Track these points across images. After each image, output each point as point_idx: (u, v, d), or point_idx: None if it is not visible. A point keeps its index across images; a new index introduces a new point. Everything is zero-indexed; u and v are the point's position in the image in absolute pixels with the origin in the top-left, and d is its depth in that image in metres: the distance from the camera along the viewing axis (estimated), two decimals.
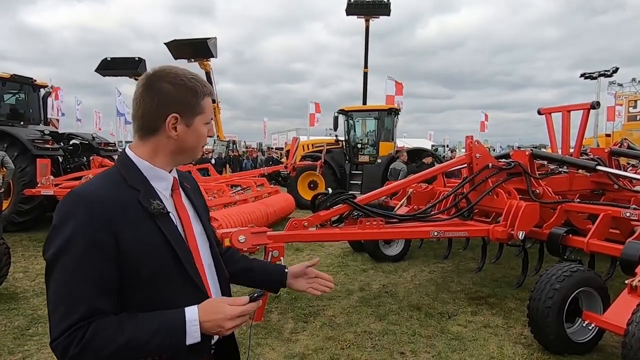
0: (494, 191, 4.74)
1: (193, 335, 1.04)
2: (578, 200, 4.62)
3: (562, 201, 4.67)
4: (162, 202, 1.14)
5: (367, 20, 23.11)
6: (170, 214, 1.15)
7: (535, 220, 4.46)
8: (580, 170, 5.24)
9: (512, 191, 4.70)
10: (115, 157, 10.52)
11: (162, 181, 1.18)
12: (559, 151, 5.63)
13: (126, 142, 41.83)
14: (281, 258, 4.06)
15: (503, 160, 5.16)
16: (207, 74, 23.97)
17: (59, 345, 0.98)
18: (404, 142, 27.08)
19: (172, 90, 1.14)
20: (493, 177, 4.86)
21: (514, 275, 5.54)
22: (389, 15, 23.08)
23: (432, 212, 5.10)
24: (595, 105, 5.13)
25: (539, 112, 5.94)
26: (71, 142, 10.09)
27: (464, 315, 4.24)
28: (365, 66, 23.43)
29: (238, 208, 7.50)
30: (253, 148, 31.74)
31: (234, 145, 25.53)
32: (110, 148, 10.37)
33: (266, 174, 9.39)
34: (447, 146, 34.08)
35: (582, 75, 24.76)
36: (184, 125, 1.16)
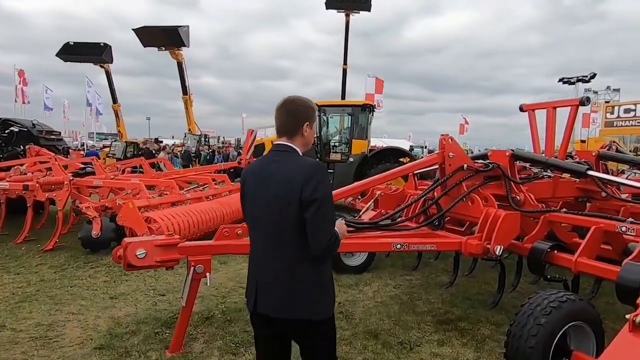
0: (469, 197, 4.06)
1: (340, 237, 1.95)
2: (564, 210, 3.97)
3: (546, 210, 4.02)
4: None
5: (347, 15, 22.47)
6: None
7: (516, 233, 3.79)
8: (564, 175, 4.63)
9: (489, 197, 4.03)
10: (60, 147, 9.51)
11: None
12: (543, 153, 5.00)
13: (97, 133, 40.09)
14: (207, 274, 3.29)
15: (480, 161, 4.49)
16: (179, 64, 22.83)
17: (331, 242, 1.84)
18: (384, 142, 26.61)
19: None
20: (468, 181, 4.18)
21: (489, 291, 4.89)
22: (369, 10, 22.47)
23: (399, 219, 4.40)
24: (585, 101, 4.53)
25: (521, 109, 5.32)
26: (8, 129, 9.03)
27: (428, 346, 3.53)
28: (345, 63, 22.76)
29: (186, 207, 6.63)
30: (230, 144, 30.68)
31: (206, 140, 24.49)
32: (54, 137, 9.33)
33: (224, 169, 8.54)
34: (426, 147, 33.85)
35: (560, 80, 24.80)
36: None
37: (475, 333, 3.82)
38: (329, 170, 11.57)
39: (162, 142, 24.43)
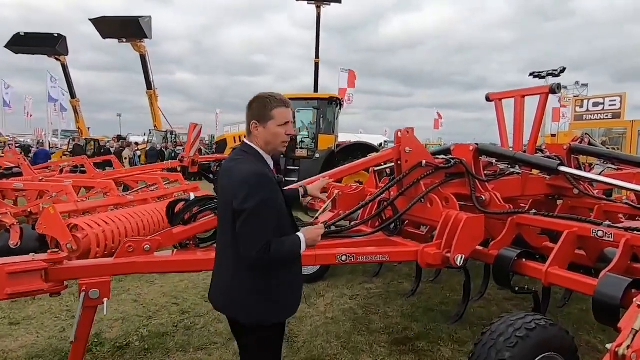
0: (427, 197, 3.54)
1: (303, 247, 1.95)
2: (534, 210, 3.50)
3: (514, 212, 3.54)
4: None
5: (318, 8, 21.90)
6: None
7: (480, 238, 3.29)
8: (533, 171, 4.19)
9: (450, 197, 3.51)
10: None
11: (270, 165, 2.01)
12: (510, 146, 4.55)
13: (62, 131, 38.20)
14: (104, 301, 2.65)
15: (441, 157, 3.98)
16: (142, 57, 21.74)
17: (258, 255, 1.81)
18: (360, 137, 26.24)
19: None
20: (427, 179, 3.66)
21: (454, 300, 4.42)
22: (340, 2, 21.95)
23: (353, 223, 3.86)
24: (556, 88, 4.08)
25: (488, 99, 4.85)
26: None
27: None
28: (317, 56, 22.19)
29: (124, 211, 5.92)
30: (203, 140, 29.73)
31: (174, 136, 23.49)
32: None
33: (170, 168, 7.81)
34: None
35: (531, 74, 24.88)
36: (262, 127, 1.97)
37: (434, 355, 3.32)
38: (294, 167, 11.00)
39: (124, 138, 23.28)
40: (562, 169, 3.56)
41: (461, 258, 3.12)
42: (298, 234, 1.96)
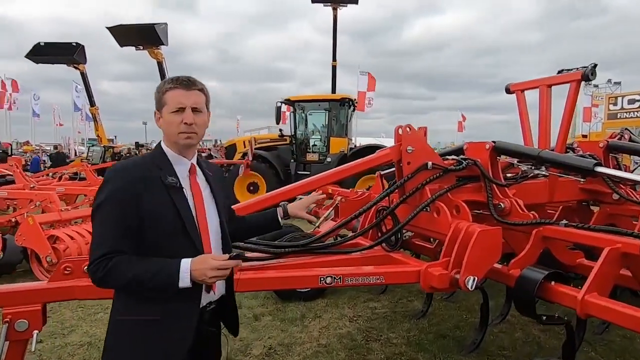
0: (433, 205, 2.97)
1: (184, 280, 1.42)
2: (564, 221, 2.87)
3: (540, 222, 2.92)
4: (178, 179, 1.54)
5: (334, 10, 21.60)
6: (184, 190, 1.55)
7: (497, 256, 2.69)
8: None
9: (460, 206, 2.93)
10: None
11: (181, 165, 1.60)
12: (535, 144, 3.92)
13: (89, 139, 39.08)
14: (34, 333, 2.21)
15: (452, 157, 3.40)
16: (159, 64, 21.82)
17: (91, 269, 1.43)
18: (381, 141, 25.69)
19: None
20: (434, 183, 3.09)
21: (470, 324, 3.81)
22: (356, 3, 21.55)
23: (349, 235, 3.33)
24: (590, 74, 3.44)
25: (508, 90, 4.23)
26: None
27: None
28: (334, 59, 21.86)
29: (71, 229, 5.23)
30: (208, 148, 29.72)
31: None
32: None
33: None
34: None
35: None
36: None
37: None
38: (304, 172, 10.52)
39: (142, 145, 23.36)
40: (600, 169, 2.91)
41: (473, 281, 2.52)
42: (183, 260, 1.44)
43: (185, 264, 1.43)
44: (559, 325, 2.80)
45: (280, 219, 2.11)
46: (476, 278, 2.53)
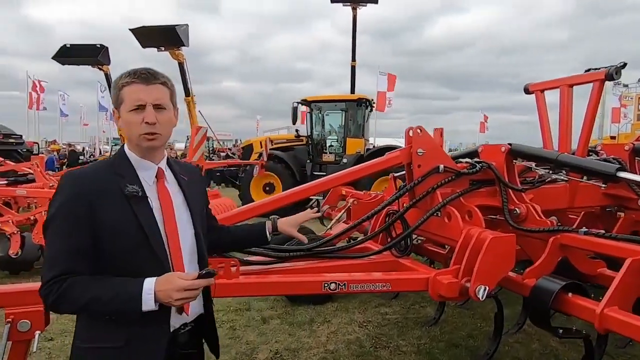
0: (444, 210, 2.86)
1: (148, 303, 1.24)
2: (584, 229, 2.72)
3: (558, 229, 2.78)
4: (141, 187, 1.36)
5: (354, 9, 21.45)
6: (149, 199, 1.36)
7: (510, 265, 2.56)
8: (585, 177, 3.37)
9: (473, 211, 2.81)
10: (22, 150, 8.70)
11: (146, 170, 1.41)
12: (555, 147, 3.74)
13: (114, 138, 40.22)
14: (36, 334, 2.21)
15: (465, 160, 3.27)
16: (180, 65, 22.15)
17: (42, 293, 1.29)
18: (400, 142, 25.41)
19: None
20: (446, 187, 2.97)
21: (485, 333, 3.68)
22: (376, 2, 21.37)
23: (360, 239, 3.24)
24: (614, 73, 3.27)
25: (527, 90, 4.06)
26: None
27: None
28: (353, 59, 21.71)
29: None
30: (226, 147, 30.00)
31: (211, 143, 23.57)
32: (12, 140, 8.51)
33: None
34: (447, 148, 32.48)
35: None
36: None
37: None
38: (320, 173, 10.46)
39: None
40: (622, 174, 2.75)
41: (484, 290, 2.40)
42: (146, 280, 1.26)
43: (149, 284, 1.25)
44: (578, 338, 2.62)
45: (268, 233, 1.91)
46: (487, 287, 2.41)
